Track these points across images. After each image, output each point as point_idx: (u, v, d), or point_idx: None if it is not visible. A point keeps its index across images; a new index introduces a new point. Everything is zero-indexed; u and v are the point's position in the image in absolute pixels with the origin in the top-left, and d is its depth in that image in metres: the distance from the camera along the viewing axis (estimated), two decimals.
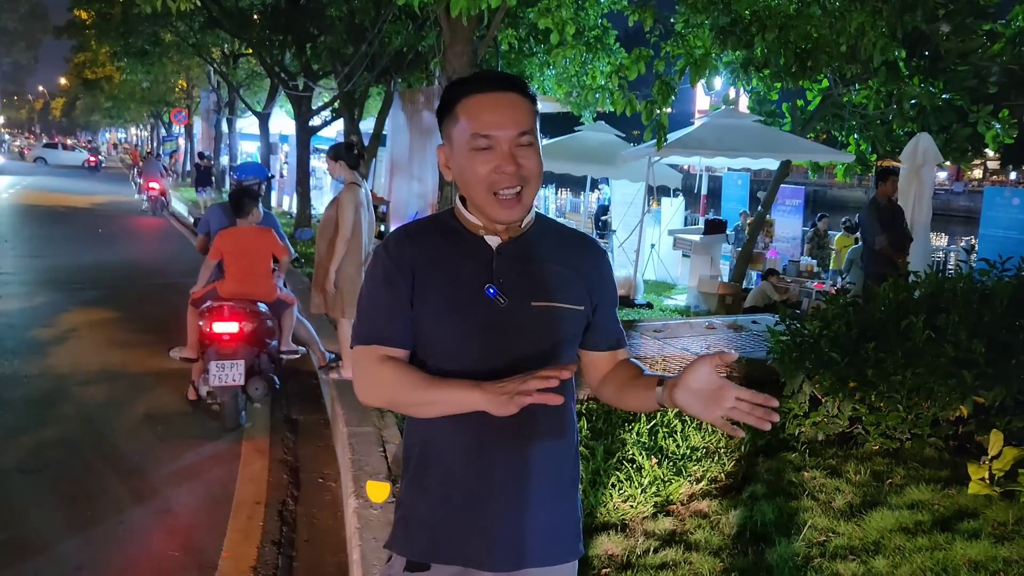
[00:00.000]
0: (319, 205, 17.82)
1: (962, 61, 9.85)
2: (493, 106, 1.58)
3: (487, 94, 1.59)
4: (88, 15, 22.83)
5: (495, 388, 1.47)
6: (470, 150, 1.58)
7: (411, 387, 1.58)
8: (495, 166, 1.57)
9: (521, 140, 1.58)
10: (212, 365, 5.14)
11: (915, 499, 3.90)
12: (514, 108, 1.59)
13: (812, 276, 12.31)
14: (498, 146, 1.57)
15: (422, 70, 13.47)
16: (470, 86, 1.61)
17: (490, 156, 1.58)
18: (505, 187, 1.58)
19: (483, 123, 1.57)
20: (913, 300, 4.88)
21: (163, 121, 39.63)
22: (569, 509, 1.75)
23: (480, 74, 1.67)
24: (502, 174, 1.57)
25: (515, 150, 1.58)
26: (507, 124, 1.58)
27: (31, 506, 4.12)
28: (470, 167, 1.59)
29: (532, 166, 1.60)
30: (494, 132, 1.57)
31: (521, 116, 1.59)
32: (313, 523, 4.13)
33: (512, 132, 1.58)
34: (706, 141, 10.61)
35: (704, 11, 7.61)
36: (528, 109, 1.61)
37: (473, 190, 1.61)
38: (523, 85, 1.63)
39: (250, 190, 5.88)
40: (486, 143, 1.57)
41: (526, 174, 1.59)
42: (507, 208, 1.60)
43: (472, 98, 1.59)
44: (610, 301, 1.77)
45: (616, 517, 3.74)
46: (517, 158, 1.58)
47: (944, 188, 41.48)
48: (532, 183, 1.61)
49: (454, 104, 1.61)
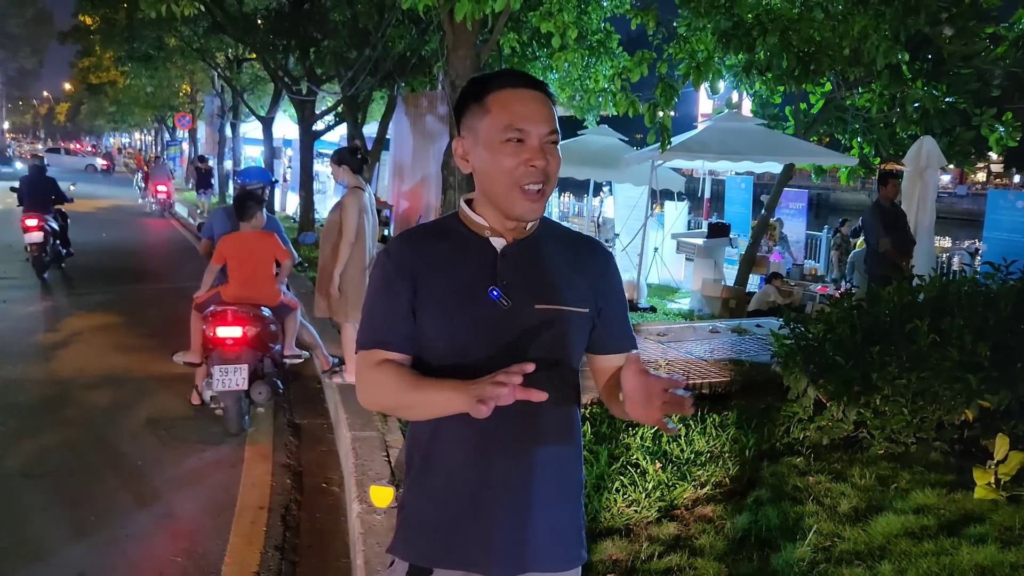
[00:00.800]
0: (322, 209, 17.84)
1: (965, 64, 9.84)
2: (527, 101, 1.60)
3: (521, 90, 1.61)
4: (93, 20, 22.90)
5: (470, 389, 1.45)
6: (501, 142, 1.59)
7: (401, 389, 1.58)
8: (525, 159, 1.58)
9: (551, 137, 1.61)
10: (215, 370, 5.14)
11: (921, 504, 3.88)
12: (546, 106, 1.62)
13: (816, 279, 12.30)
14: (529, 140, 1.59)
15: (425, 74, 13.48)
16: (503, 80, 1.63)
17: (520, 149, 1.59)
18: (531, 182, 1.59)
19: (518, 116, 1.58)
20: (917, 303, 4.87)
21: (167, 125, 39.73)
22: (573, 514, 1.74)
23: (510, 71, 1.69)
24: (531, 168, 1.58)
25: (544, 147, 1.60)
26: (540, 120, 1.60)
27: (34, 511, 4.11)
28: (496, 159, 1.60)
29: (556, 165, 1.62)
30: (528, 126, 1.58)
31: (550, 114, 1.62)
32: (316, 528, 4.13)
33: (544, 129, 1.60)
34: (709, 144, 10.60)
35: (706, 15, 7.62)
36: (553, 110, 1.64)
37: (496, 182, 1.61)
38: (548, 87, 1.67)
39: (254, 194, 5.88)
40: (519, 135, 1.58)
41: (550, 172, 1.61)
42: (531, 202, 1.61)
43: (506, 91, 1.61)
44: (616, 304, 1.75)
45: (620, 522, 3.73)
46: (546, 154, 1.60)
47: (948, 191, 41.39)
48: (552, 182, 1.63)
49: (483, 95, 1.61)
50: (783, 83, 9.98)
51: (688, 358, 6.58)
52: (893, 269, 7.26)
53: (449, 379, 1.53)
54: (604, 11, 11.13)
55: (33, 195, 11.18)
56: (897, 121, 10.43)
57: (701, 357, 6.64)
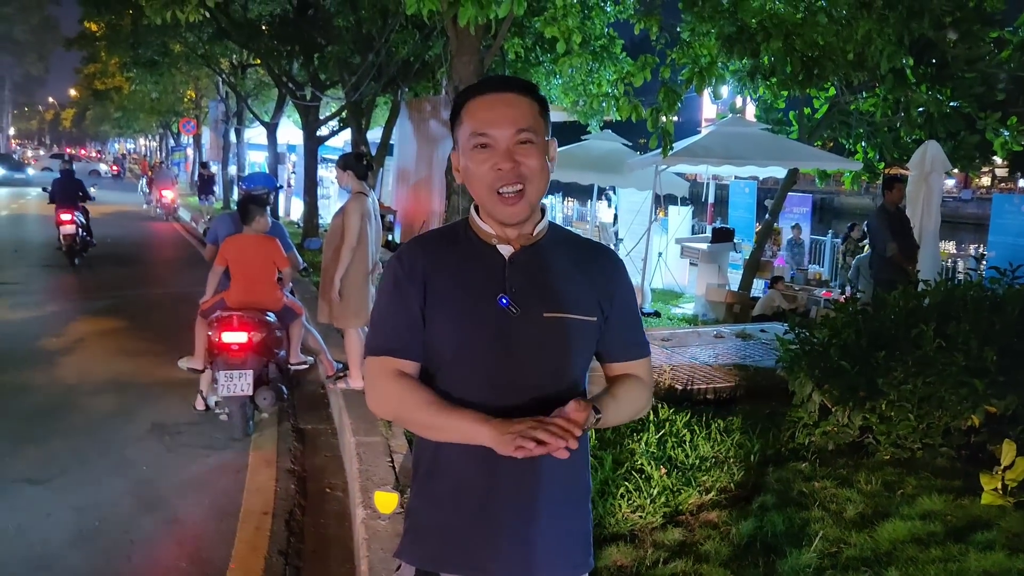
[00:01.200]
0: (327, 215, 17.85)
1: (969, 68, 9.82)
2: (491, 105, 1.61)
3: (487, 95, 1.63)
4: (98, 27, 23.01)
5: (503, 426, 1.49)
6: (471, 149, 1.61)
7: (418, 408, 1.60)
8: (492, 163, 1.60)
9: (519, 137, 1.60)
10: (220, 375, 5.14)
11: (927, 509, 3.86)
12: (511, 107, 1.61)
13: (820, 284, 12.27)
14: (495, 144, 1.60)
15: (429, 79, 13.51)
16: (473, 90, 1.65)
17: (488, 154, 1.60)
18: (505, 184, 1.60)
19: (480, 121, 1.60)
20: (923, 308, 4.86)
21: (172, 131, 39.83)
22: (580, 521, 1.73)
23: (484, 79, 1.71)
24: (499, 171, 1.59)
25: (513, 148, 1.60)
26: (503, 122, 1.60)
27: (39, 517, 4.11)
28: (472, 166, 1.62)
29: (532, 164, 1.61)
30: (490, 130, 1.59)
31: (518, 114, 1.61)
32: (321, 534, 4.12)
33: (509, 130, 1.59)
34: (713, 149, 10.59)
35: (710, 20, 7.61)
36: (528, 108, 1.63)
37: (477, 189, 1.64)
38: (525, 86, 1.65)
39: (258, 198, 5.89)
40: (484, 140, 1.60)
41: (526, 172, 1.60)
42: (509, 205, 1.61)
43: (473, 100, 1.63)
44: (625, 311, 1.74)
45: (625, 527, 3.72)
46: (515, 156, 1.59)
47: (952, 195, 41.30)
48: (534, 181, 1.62)
49: (460, 109, 1.65)
50: (787, 88, 9.97)
51: (692, 363, 6.57)
52: (899, 274, 7.25)
53: (471, 410, 1.55)
54: (608, 16, 11.14)
55: (64, 194, 12.91)
56: (901, 125, 10.41)
57: (705, 362, 6.63)
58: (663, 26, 7.81)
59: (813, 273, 13.68)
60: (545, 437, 1.44)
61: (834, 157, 11.40)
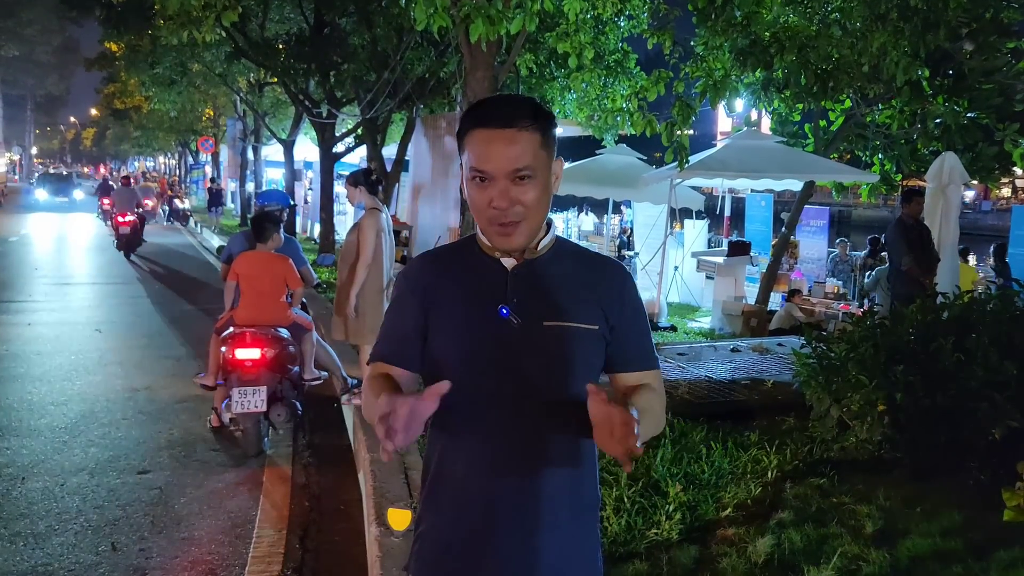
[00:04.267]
0: (343, 231, 17.92)
1: (987, 79, 9.75)
2: (491, 142, 1.57)
3: (486, 130, 1.58)
4: (118, 47, 23.34)
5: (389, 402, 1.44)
6: (470, 179, 1.61)
7: (369, 398, 1.64)
8: (490, 200, 1.59)
9: (517, 175, 1.57)
10: (234, 392, 5.15)
11: (947, 526, 3.80)
12: (510, 145, 1.57)
13: (838, 298, 12.17)
14: (493, 181, 1.58)
15: (444, 96, 13.58)
16: (474, 118, 1.61)
17: (486, 188, 1.59)
18: (501, 221, 1.60)
19: (480, 157, 1.58)
20: (942, 321, 4.80)
21: (190, 149, 40.25)
22: (587, 536, 1.71)
23: (487, 103, 1.65)
24: (496, 209, 1.58)
25: (511, 186, 1.57)
26: (501, 161, 1.57)
27: (54, 534, 4.13)
28: (471, 196, 1.62)
29: (530, 200, 1.59)
30: (487, 168, 1.57)
31: (517, 153, 1.57)
32: (335, 551, 4.11)
33: (506, 169, 1.57)
34: (728, 163, 10.57)
35: (723, 33, 7.60)
36: (528, 143, 1.57)
37: (476, 216, 1.65)
38: (529, 114, 1.59)
39: (271, 215, 5.92)
40: (481, 175, 1.58)
41: (521, 210, 1.59)
42: (503, 236, 1.62)
43: (473, 133, 1.60)
44: (632, 322, 1.72)
45: (641, 545, 3.68)
46: (511, 193, 1.57)
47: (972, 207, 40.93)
48: (531, 215, 1.61)
49: (464, 132, 1.63)
50: (801, 100, 9.95)
51: (709, 377, 6.52)
52: (916, 287, 7.18)
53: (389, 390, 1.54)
54: (621, 31, 11.16)
55: (122, 202, 17.19)
56: (918, 137, 10.34)
57: (722, 376, 6.58)
58: (677, 40, 7.81)
59: (831, 286, 13.56)
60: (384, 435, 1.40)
61: (851, 169, 11.33)
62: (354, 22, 13.14)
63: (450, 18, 6.03)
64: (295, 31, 15.77)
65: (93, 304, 11.21)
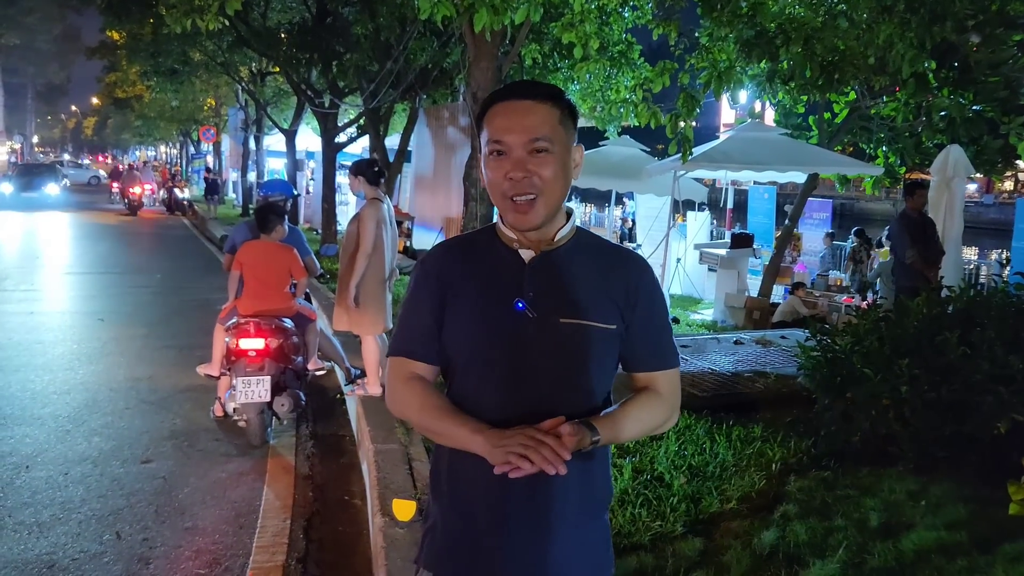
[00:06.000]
0: (345, 221, 17.90)
1: (992, 72, 9.70)
2: (507, 112, 1.59)
3: (507, 102, 1.61)
4: (119, 36, 23.28)
5: (495, 439, 1.50)
6: (487, 155, 1.61)
7: (423, 411, 1.63)
8: (505, 172, 1.58)
9: (533, 146, 1.57)
10: (238, 382, 5.15)
11: (953, 519, 3.79)
12: (528, 115, 1.58)
13: (841, 290, 12.16)
14: (510, 152, 1.58)
15: (447, 86, 13.55)
16: (495, 96, 1.64)
17: (502, 162, 1.58)
18: (518, 194, 1.58)
19: (496, 129, 1.59)
20: (947, 315, 4.78)
21: (192, 139, 40.19)
22: (598, 531, 1.71)
23: (509, 84, 1.68)
24: (511, 180, 1.57)
25: (527, 157, 1.57)
26: (517, 130, 1.57)
27: (58, 523, 4.13)
28: (488, 173, 1.62)
29: (546, 174, 1.58)
30: (504, 137, 1.58)
31: (534, 123, 1.58)
32: (339, 541, 4.11)
33: (522, 138, 1.57)
34: (732, 154, 10.53)
35: (729, 24, 7.54)
36: (547, 116, 1.59)
37: (493, 195, 1.64)
38: (549, 92, 1.62)
39: (275, 206, 5.90)
40: (498, 147, 1.58)
41: (538, 182, 1.58)
42: (520, 213, 1.60)
43: (493, 107, 1.62)
44: (650, 319, 1.69)
45: (645, 537, 3.68)
46: (528, 165, 1.57)
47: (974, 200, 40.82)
48: (547, 191, 1.59)
49: (483, 113, 1.63)
50: (806, 92, 9.91)
51: (712, 370, 6.51)
52: (921, 280, 7.16)
53: (471, 419, 1.56)
54: (626, 22, 11.11)
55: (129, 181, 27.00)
56: (923, 130, 10.30)
57: (725, 369, 6.57)
58: (682, 31, 7.76)
59: (834, 279, 13.55)
60: (535, 459, 1.44)
61: (855, 162, 11.30)
62: (357, 11, 13.08)
63: (454, 7, 5.99)
64: (298, 20, 15.72)
65: (94, 293, 11.19)
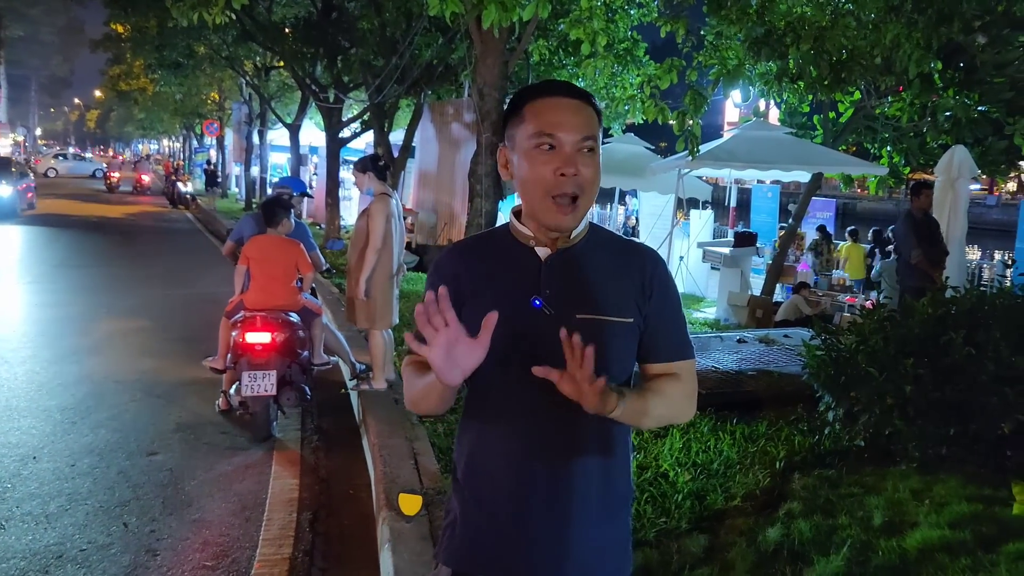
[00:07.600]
0: (348, 216, 17.93)
1: (998, 73, 9.71)
2: (559, 108, 1.60)
3: (555, 98, 1.61)
4: (124, 28, 23.26)
5: None
6: (533, 148, 1.59)
7: (410, 382, 1.67)
8: (555, 167, 1.58)
9: (584, 144, 1.59)
10: (244, 375, 5.17)
11: (956, 518, 3.80)
12: (579, 113, 1.60)
13: (844, 290, 12.17)
14: (560, 147, 1.58)
15: (452, 82, 13.54)
16: (540, 89, 1.64)
17: (552, 156, 1.58)
18: (561, 192, 1.58)
19: (548, 123, 1.58)
20: (952, 315, 4.79)
21: (195, 133, 40.22)
22: (618, 530, 1.71)
23: (548, 81, 1.68)
24: (561, 176, 1.57)
25: (577, 155, 1.58)
26: (571, 126, 1.58)
27: (65, 514, 4.15)
28: (530, 167, 1.60)
29: (590, 174, 1.60)
30: (558, 132, 1.58)
31: (585, 122, 1.60)
32: (345, 535, 4.13)
33: (576, 136, 1.58)
34: (737, 153, 10.54)
35: (737, 22, 7.55)
36: (592, 118, 1.62)
37: (531, 191, 1.61)
38: (587, 95, 1.64)
39: (282, 200, 5.92)
40: (549, 141, 1.58)
41: (583, 182, 1.59)
42: (562, 213, 1.60)
43: (540, 100, 1.61)
44: (666, 312, 1.70)
45: (650, 533, 3.70)
46: (577, 162, 1.58)
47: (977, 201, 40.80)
48: (588, 192, 1.61)
49: (522, 106, 1.63)
50: (813, 91, 9.90)
51: (716, 368, 6.52)
52: (926, 280, 7.18)
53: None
54: (632, 19, 11.11)
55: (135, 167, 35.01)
56: (927, 130, 10.30)
57: (729, 367, 6.58)
58: (689, 29, 7.76)
59: (837, 278, 13.57)
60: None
61: (859, 162, 11.30)
62: (362, 6, 13.08)
63: (463, 4, 6.00)
64: (303, 14, 15.70)
65: (99, 286, 11.21)
